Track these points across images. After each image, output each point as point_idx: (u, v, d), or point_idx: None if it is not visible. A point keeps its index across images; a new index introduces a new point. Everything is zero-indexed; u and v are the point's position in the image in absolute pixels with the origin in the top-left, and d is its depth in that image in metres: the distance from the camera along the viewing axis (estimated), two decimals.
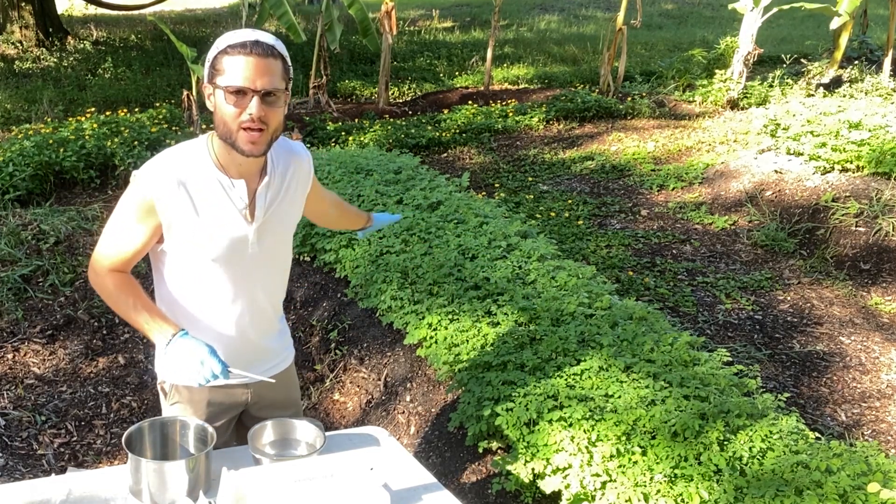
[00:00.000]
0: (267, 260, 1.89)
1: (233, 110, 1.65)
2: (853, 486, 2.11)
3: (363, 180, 4.88)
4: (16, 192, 5.47)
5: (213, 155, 1.76)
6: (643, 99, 8.77)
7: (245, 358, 1.93)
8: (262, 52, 1.63)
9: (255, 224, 1.81)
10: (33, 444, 3.40)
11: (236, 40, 1.64)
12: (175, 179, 1.71)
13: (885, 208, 5.12)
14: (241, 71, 1.62)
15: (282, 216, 1.87)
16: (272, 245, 1.88)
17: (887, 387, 3.71)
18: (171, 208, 1.72)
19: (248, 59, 1.62)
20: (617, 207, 6.07)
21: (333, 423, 3.48)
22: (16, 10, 12.26)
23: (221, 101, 1.66)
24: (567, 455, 2.38)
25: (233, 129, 1.66)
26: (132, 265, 1.83)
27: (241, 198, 1.78)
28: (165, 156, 1.75)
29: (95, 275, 1.83)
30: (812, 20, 14.54)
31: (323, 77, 9.10)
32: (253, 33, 1.66)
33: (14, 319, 4.24)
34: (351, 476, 1.59)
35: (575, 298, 3.25)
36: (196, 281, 1.83)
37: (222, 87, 1.64)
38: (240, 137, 1.67)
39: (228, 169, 1.76)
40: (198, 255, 1.79)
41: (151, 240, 1.78)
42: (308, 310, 4.19)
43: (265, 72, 1.63)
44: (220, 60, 1.65)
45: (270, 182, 1.81)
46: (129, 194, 1.75)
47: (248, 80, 1.62)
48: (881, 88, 8.06)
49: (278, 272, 1.97)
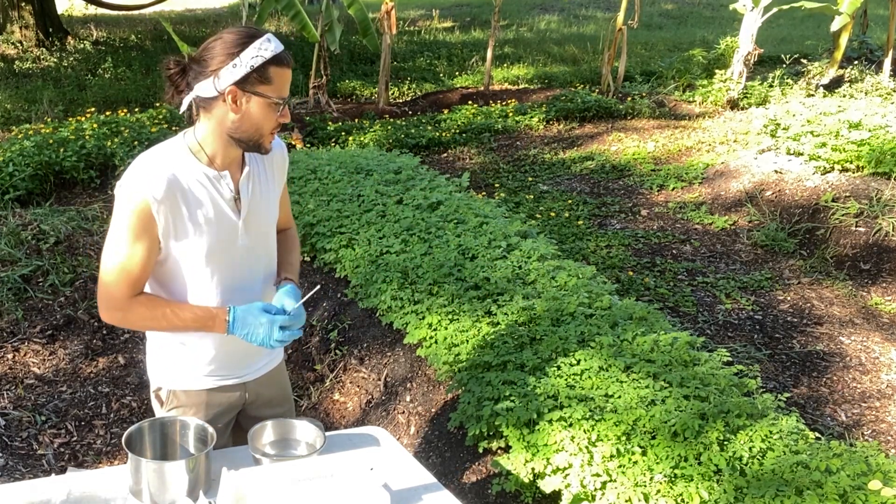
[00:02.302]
0: (255, 252, 1.90)
1: (273, 117, 1.73)
2: (853, 486, 2.11)
3: (363, 180, 4.88)
4: (16, 192, 5.47)
5: (193, 152, 1.77)
6: (643, 99, 8.77)
7: (238, 356, 1.94)
8: (290, 62, 1.74)
9: (242, 214, 1.83)
10: (33, 444, 3.40)
11: (279, 50, 1.69)
12: (164, 178, 1.70)
13: (885, 208, 5.12)
14: (286, 84, 1.72)
15: (263, 206, 1.90)
16: (258, 236, 1.90)
17: (887, 387, 3.71)
18: (165, 208, 1.71)
19: (287, 71, 1.72)
20: (617, 207, 6.07)
21: (333, 423, 3.48)
22: (16, 10, 12.25)
23: (260, 108, 1.71)
24: (567, 455, 2.38)
25: (265, 132, 1.75)
26: (145, 281, 1.77)
27: (229, 188, 1.80)
28: (146, 161, 1.73)
29: (113, 311, 1.76)
30: (812, 20, 14.54)
31: (323, 77, 9.10)
32: (276, 41, 1.71)
33: (14, 319, 4.24)
34: (351, 476, 1.59)
35: (575, 298, 3.25)
36: (188, 279, 1.82)
37: (272, 98, 1.70)
38: (267, 140, 1.77)
39: (214, 162, 1.78)
40: (190, 254, 1.78)
41: (155, 250, 1.75)
42: (308, 310, 4.19)
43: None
44: (268, 69, 1.68)
45: (251, 171, 1.85)
46: (121, 209, 1.70)
47: (287, 90, 1.74)
48: (881, 88, 8.06)
49: (266, 264, 1.97)
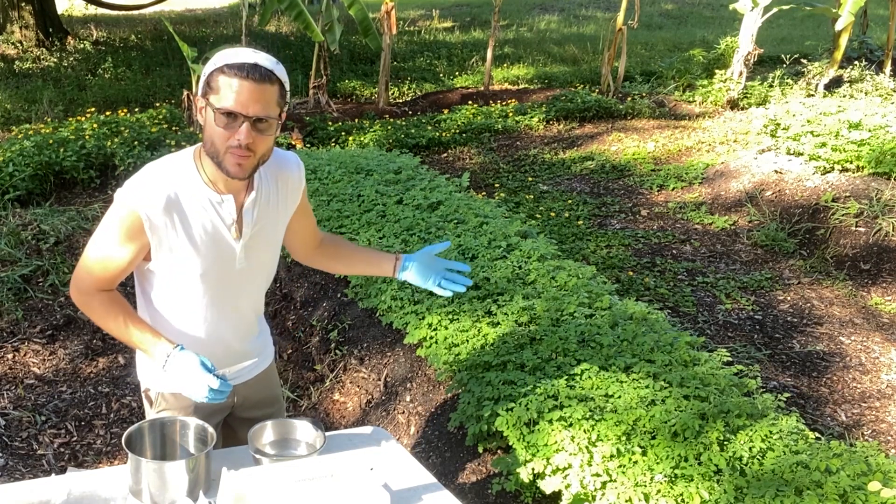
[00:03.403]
0: (253, 274, 1.87)
1: (222, 132, 1.61)
2: (853, 486, 2.11)
3: (363, 180, 4.88)
4: (16, 192, 5.47)
5: (200, 170, 1.72)
6: (643, 99, 8.77)
7: (227, 363, 1.91)
8: (259, 77, 1.58)
9: (243, 240, 1.79)
10: (33, 444, 3.40)
11: (235, 60, 1.59)
12: (164, 198, 1.67)
13: (885, 208, 5.12)
14: (236, 94, 1.58)
15: (269, 231, 1.85)
16: (259, 259, 1.86)
17: (887, 387, 3.71)
18: (159, 227, 1.68)
19: (244, 82, 1.57)
20: (617, 207, 6.07)
21: (333, 423, 3.48)
22: (16, 10, 12.25)
23: (212, 121, 1.62)
24: (567, 455, 2.37)
25: (220, 150, 1.63)
26: (118, 282, 1.78)
27: (230, 213, 1.75)
28: (151, 172, 1.69)
29: (80, 294, 1.78)
30: (812, 20, 14.54)
31: (323, 77, 9.10)
32: (253, 55, 1.61)
33: (14, 319, 4.24)
34: (351, 476, 1.58)
35: (575, 298, 3.25)
36: (180, 295, 1.80)
37: (215, 107, 1.60)
38: (226, 159, 1.63)
39: (216, 184, 1.72)
40: (184, 272, 1.76)
41: (138, 258, 1.74)
42: (308, 310, 4.19)
43: (259, 98, 1.59)
44: (215, 78, 1.60)
45: (257, 198, 1.78)
46: (115, 213, 1.69)
47: (241, 105, 1.58)
48: (881, 88, 8.06)
49: (263, 282, 1.96)
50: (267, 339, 2.10)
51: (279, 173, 1.84)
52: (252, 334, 1.99)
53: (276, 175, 1.84)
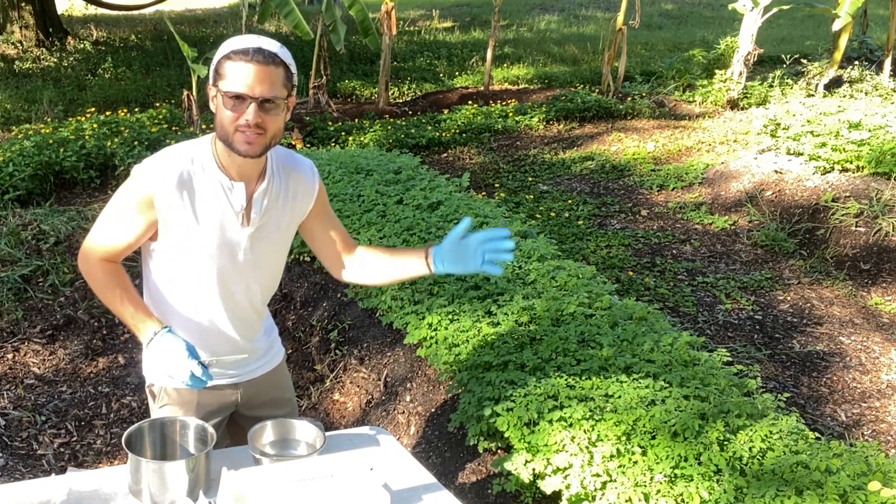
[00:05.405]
0: (258, 266, 1.89)
1: (230, 114, 1.68)
2: (853, 486, 2.11)
3: (363, 180, 4.88)
4: (16, 192, 5.47)
5: (215, 155, 1.78)
6: (643, 99, 8.77)
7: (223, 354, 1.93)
8: (264, 59, 1.66)
9: (250, 229, 1.82)
10: (33, 444, 3.40)
11: (239, 46, 1.67)
12: (176, 177, 1.73)
13: (885, 208, 5.12)
14: (242, 77, 1.65)
15: (277, 223, 1.87)
16: (264, 251, 1.88)
17: (887, 387, 3.71)
18: (169, 206, 1.74)
19: (249, 65, 1.65)
20: (617, 207, 6.07)
21: (333, 423, 3.48)
22: (16, 10, 12.25)
23: (221, 105, 1.69)
24: (567, 455, 2.37)
25: (230, 131, 1.70)
26: (123, 256, 1.84)
27: (240, 201, 1.79)
28: (168, 153, 1.77)
29: (85, 262, 1.84)
30: (812, 20, 14.54)
31: (323, 77, 9.10)
32: (257, 40, 1.69)
33: (14, 319, 4.24)
34: (351, 476, 1.58)
35: (575, 298, 3.25)
36: (184, 279, 1.84)
37: (223, 91, 1.67)
38: (236, 138, 1.69)
39: (229, 170, 1.78)
40: (189, 255, 1.80)
41: (145, 234, 1.80)
42: (308, 310, 4.19)
43: (265, 79, 1.66)
44: (222, 65, 1.68)
45: (268, 187, 1.82)
46: (129, 187, 1.76)
47: (248, 86, 1.65)
48: (881, 88, 8.06)
49: (267, 279, 1.96)
50: (274, 339, 2.12)
51: (292, 172, 1.89)
52: (255, 333, 2.01)
53: (289, 174, 1.88)
